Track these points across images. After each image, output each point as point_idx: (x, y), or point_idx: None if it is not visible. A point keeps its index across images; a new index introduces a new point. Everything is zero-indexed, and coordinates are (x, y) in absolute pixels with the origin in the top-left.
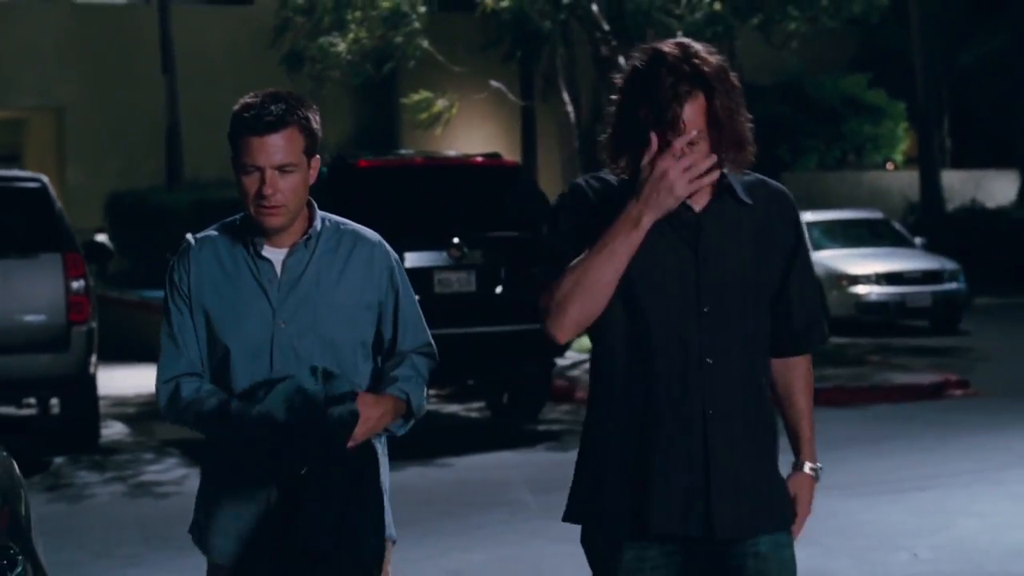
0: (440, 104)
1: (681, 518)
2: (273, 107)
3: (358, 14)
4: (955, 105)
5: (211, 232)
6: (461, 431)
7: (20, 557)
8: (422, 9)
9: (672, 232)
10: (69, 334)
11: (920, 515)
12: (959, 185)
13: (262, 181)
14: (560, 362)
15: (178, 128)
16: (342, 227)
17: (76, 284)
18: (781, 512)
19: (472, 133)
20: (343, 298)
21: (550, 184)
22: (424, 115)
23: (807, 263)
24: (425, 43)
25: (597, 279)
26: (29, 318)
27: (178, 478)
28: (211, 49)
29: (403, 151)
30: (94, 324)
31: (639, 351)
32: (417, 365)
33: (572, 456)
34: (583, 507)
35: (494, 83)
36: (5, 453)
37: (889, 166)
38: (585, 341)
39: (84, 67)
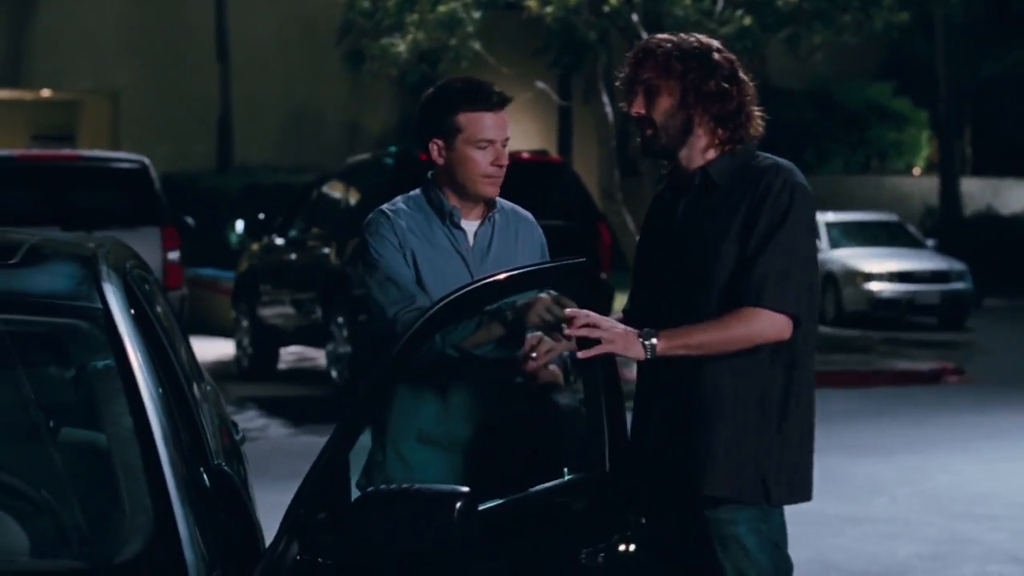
0: None
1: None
2: (493, 87)
3: (416, 17)
4: (977, 115)
5: (399, 204)
6: None
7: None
8: (476, 15)
9: (661, 221)
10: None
11: (903, 472)
12: (978, 192)
13: (497, 153)
14: None
15: (230, 115)
16: (503, 204)
17: (172, 255)
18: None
19: (510, 129)
20: (520, 265)
21: (584, 179)
22: None
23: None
24: (477, 46)
25: None
26: None
27: (260, 426)
28: (262, 40)
29: None
30: (186, 291)
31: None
32: None
33: None
34: None
35: (540, 84)
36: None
37: (916, 171)
38: None
39: (140, 53)
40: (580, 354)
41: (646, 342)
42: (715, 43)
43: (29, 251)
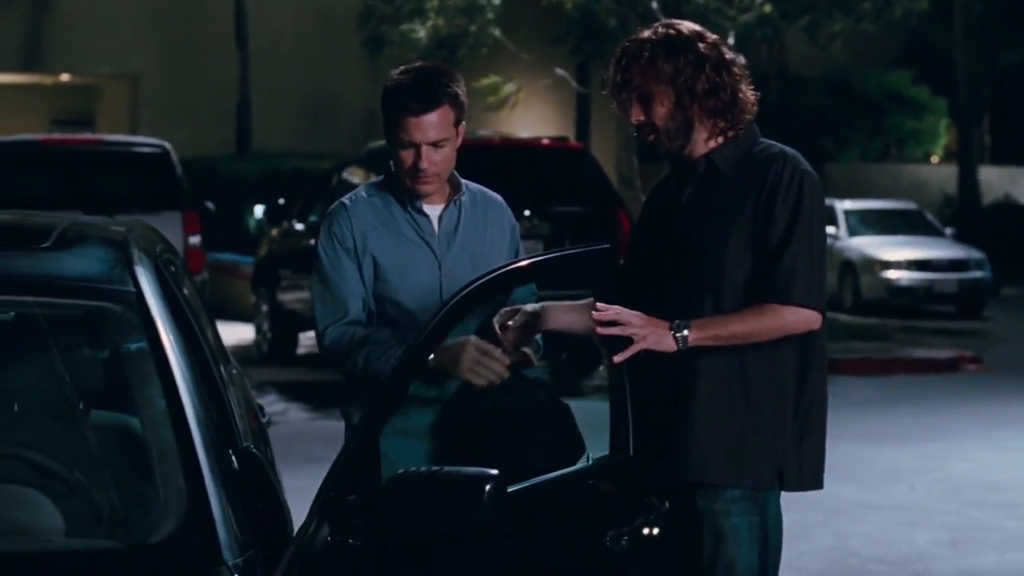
0: (507, 88)
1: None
2: (427, 86)
3: (435, 2)
4: (995, 103)
5: (360, 193)
6: None
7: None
8: (496, 1)
9: (665, 209)
10: None
11: (920, 459)
12: (996, 181)
13: (418, 156)
14: None
15: (248, 100)
16: (470, 186)
17: (193, 240)
18: (727, 468)
19: (528, 115)
20: (488, 250)
21: (602, 165)
22: (492, 98)
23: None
24: (497, 32)
25: None
26: None
27: (280, 411)
28: (281, 25)
29: (482, 132)
30: (206, 275)
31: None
32: None
33: None
34: None
35: (559, 71)
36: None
37: (934, 159)
38: None
39: (159, 37)
40: (616, 358)
41: (677, 334)
42: (696, 28)
43: (61, 235)
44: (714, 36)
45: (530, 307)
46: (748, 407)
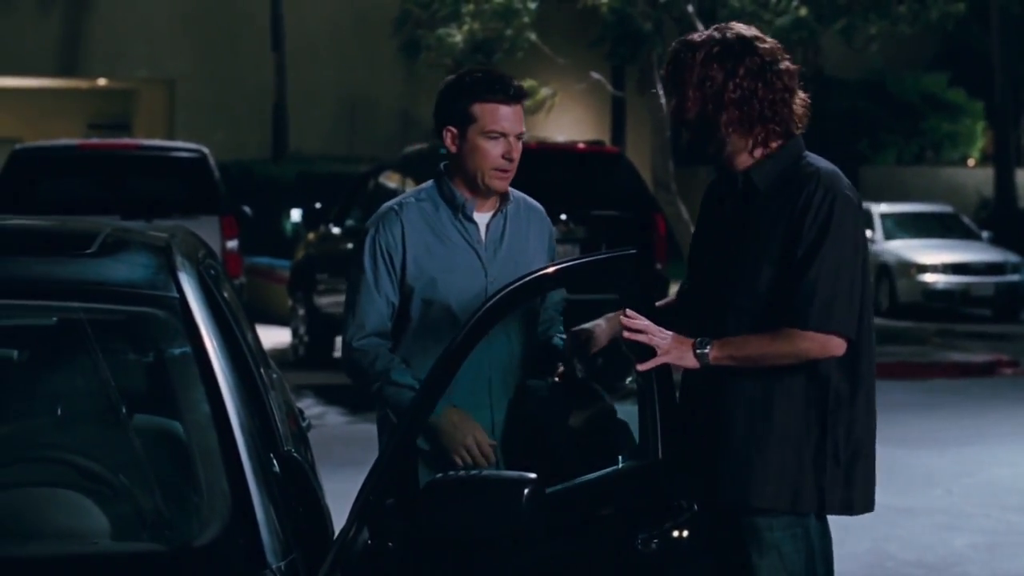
0: (543, 92)
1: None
2: (509, 80)
3: (471, 7)
4: None
5: (408, 199)
6: None
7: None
8: (532, 5)
9: (711, 221)
10: None
11: (958, 463)
12: None
13: (509, 146)
14: None
15: (285, 104)
16: (514, 194)
17: (231, 244)
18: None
19: (564, 119)
20: (531, 256)
21: (638, 169)
22: (528, 102)
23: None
24: (533, 36)
25: None
26: None
27: (318, 414)
28: (317, 29)
29: None
30: (243, 279)
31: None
32: (556, 321)
33: None
34: None
35: (595, 75)
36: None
37: (970, 162)
38: None
39: (196, 41)
40: (640, 367)
41: (699, 351)
42: (747, 35)
43: (104, 241)
44: (768, 44)
45: (592, 325)
46: (785, 431)
